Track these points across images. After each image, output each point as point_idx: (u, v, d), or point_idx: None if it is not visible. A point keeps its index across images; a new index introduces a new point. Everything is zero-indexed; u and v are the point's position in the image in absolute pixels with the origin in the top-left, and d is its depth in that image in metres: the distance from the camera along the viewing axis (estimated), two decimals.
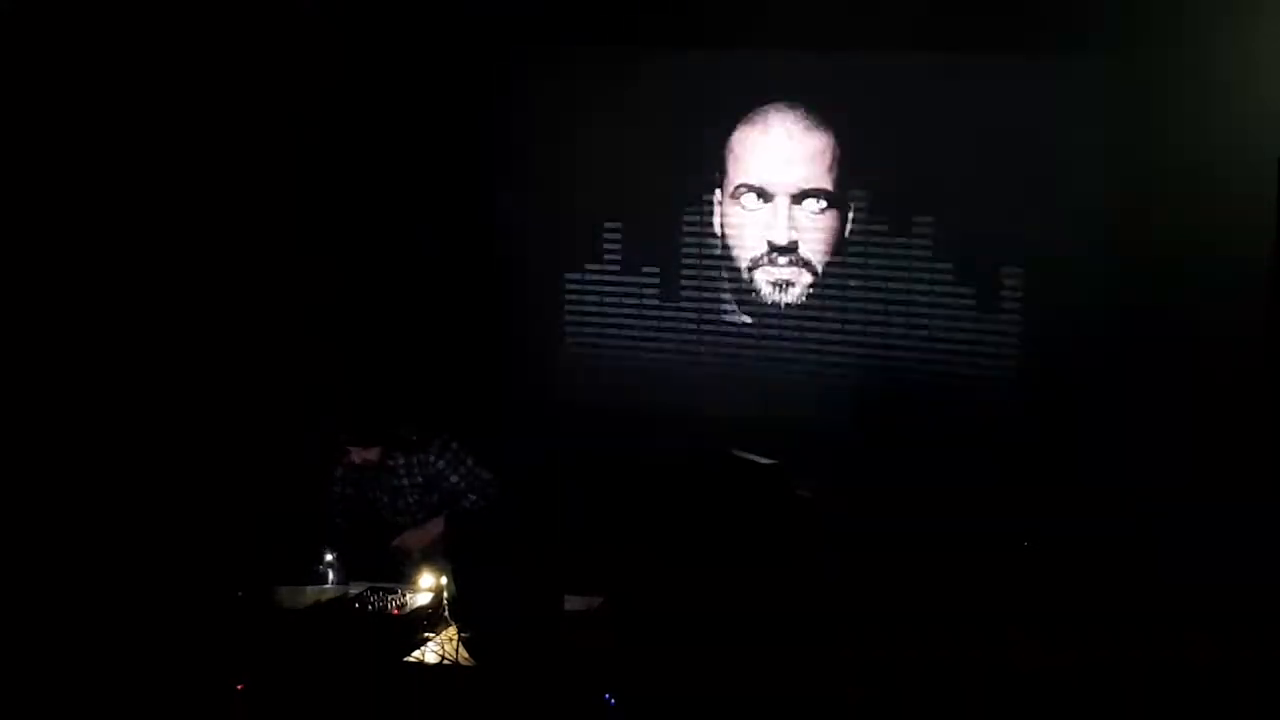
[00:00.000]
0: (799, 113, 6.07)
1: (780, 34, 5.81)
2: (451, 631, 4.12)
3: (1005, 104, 5.72)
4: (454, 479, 5.01)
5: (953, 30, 5.60)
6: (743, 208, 6.21)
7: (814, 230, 6.12)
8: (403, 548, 4.96)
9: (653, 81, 6.16)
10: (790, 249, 6.15)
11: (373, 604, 4.32)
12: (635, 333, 6.43)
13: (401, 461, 4.98)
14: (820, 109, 6.04)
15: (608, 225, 6.37)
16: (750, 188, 6.18)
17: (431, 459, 4.99)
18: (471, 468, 5.04)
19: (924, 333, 6.01)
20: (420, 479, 5.01)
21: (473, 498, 5.02)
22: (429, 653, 4.05)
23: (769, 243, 6.18)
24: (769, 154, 6.14)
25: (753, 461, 4.45)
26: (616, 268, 6.42)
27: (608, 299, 6.45)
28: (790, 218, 6.13)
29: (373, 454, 4.91)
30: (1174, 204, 5.36)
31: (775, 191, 6.14)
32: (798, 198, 6.11)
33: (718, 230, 6.27)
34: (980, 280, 5.90)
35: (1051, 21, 5.45)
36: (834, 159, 6.05)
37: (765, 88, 6.09)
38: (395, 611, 4.26)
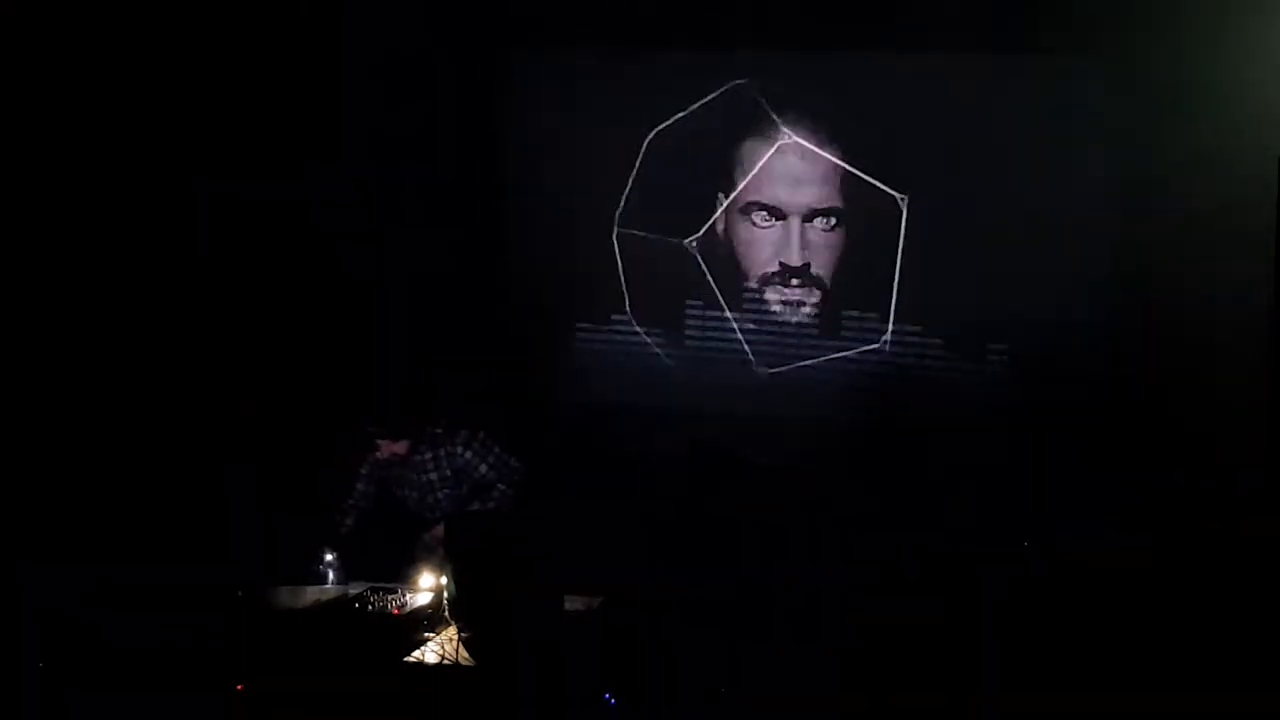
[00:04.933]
0: (811, 131, 6.06)
1: (781, 36, 5.86)
2: (451, 631, 4.11)
3: (1006, 104, 5.76)
4: (483, 469, 4.96)
5: (954, 33, 5.65)
6: (753, 224, 6.19)
7: (824, 248, 6.11)
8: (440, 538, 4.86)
9: (659, 87, 6.19)
10: (803, 270, 6.14)
11: (373, 604, 4.33)
12: (637, 336, 6.42)
13: (429, 455, 4.95)
14: (831, 126, 6.04)
15: (614, 230, 6.37)
16: (762, 205, 6.17)
17: (459, 449, 4.94)
18: (500, 455, 4.98)
19: (926, 341, 6.02)
20: (449, 471, 4.96)
21: (502, 487, 4.95)
22: (429, 653, 4.05)
23: (781, 263, 6.16)
24: (782, 173, 6.12)
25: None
26: (620, 268, 6.40)
27: (611, 299, 6.43)
28: (803, 237, 6.13)
29: (400, 447, 4.88)
30: (1174, 204, 5.37)
31: (788, 211, 6.14)
32: (808, 216, 6.12)
33: (724, 240, 6.27)
34: (980, 283, 5.88)
35: (1052, 23, 5.48)
36: (844, 176, 6.04)
37: (774, 101, 6.09)
38: (395, 611, 4.26)
